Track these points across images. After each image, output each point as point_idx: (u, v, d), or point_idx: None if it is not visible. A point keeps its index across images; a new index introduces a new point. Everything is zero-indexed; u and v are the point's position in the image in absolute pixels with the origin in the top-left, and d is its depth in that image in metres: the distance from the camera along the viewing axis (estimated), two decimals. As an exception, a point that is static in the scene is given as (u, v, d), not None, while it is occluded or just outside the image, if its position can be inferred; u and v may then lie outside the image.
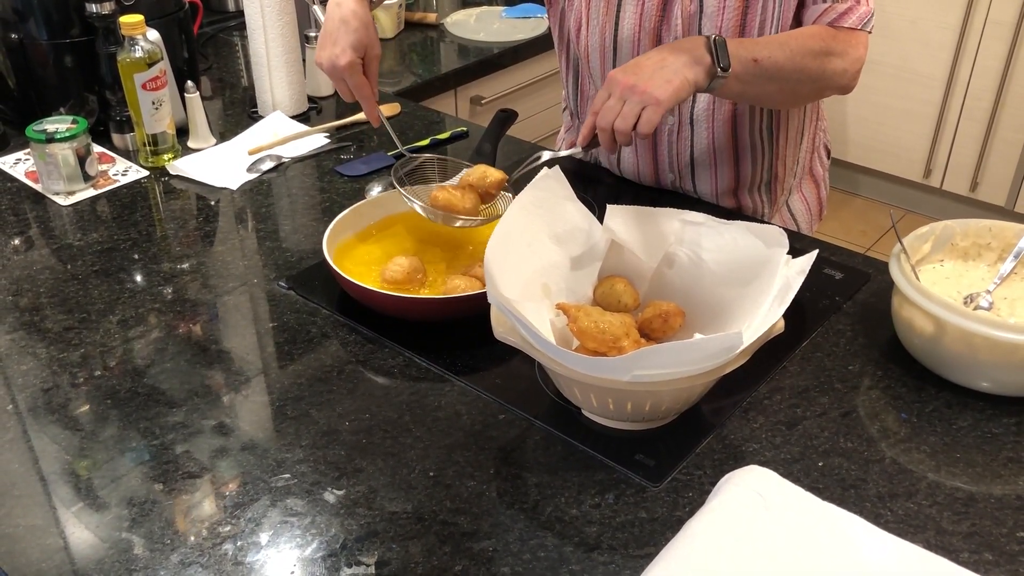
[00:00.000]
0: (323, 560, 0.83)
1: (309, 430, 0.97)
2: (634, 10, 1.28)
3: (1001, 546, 0.84)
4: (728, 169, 1.40)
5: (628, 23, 1.29)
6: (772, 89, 1.23)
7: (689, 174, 1.42)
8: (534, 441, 0.96)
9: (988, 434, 0.97)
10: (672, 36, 1.28)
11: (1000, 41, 2.85)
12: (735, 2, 1.23)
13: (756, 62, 1.16)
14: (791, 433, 0.97)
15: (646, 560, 0.81)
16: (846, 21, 1.22)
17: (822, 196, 1.56)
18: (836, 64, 1.21)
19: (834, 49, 1.21)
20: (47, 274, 1.24)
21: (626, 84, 1.11)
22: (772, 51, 1.18)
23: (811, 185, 1.53)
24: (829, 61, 1.21)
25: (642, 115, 1.11)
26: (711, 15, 1.25)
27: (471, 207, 1.19)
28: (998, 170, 3.02)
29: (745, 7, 1.23)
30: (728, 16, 1.24)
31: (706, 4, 1.25)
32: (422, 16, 2.30)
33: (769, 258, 0.98)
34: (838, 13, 1.22)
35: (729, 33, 1.25)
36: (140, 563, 0.83)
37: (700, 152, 1.38)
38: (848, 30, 1.22)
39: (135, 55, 1.44)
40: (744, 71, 1.16)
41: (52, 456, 0.95)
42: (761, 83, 1.19)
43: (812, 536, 0.81)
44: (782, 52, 1.18)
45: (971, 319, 0.96)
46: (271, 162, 1.52)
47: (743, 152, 1.39)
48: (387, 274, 1.15)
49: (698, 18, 1.26)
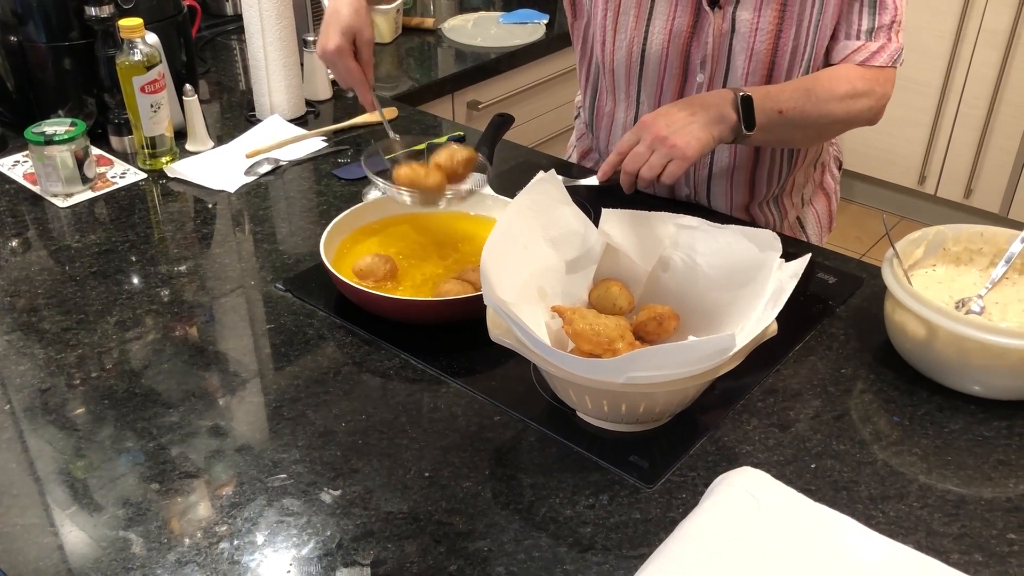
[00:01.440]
0: (319, 560, 0.84)
1: (305, 431, 0.98)
2: (664, 26, 1.27)
3: (991, 547, 0.85)
4: (744, 184, 1.40)
5: (657, 39, 1.28)
6: (797, 135, 1.25)
7: (705, 189, 1.42)
8: (529, 442, 0.97)
9: (979, 437, 0.98)
10: (701, 55, 1.28)
11: (994, 49, 2.87)
12: (769, 25, 1.23)
13: (781, 113, 1.18)
14: (784, 435, 0.98)
15: (640, 560, 0.82)
16: (877, 60, 1.23)
17: (832, 208, 1.56)
18: (863, 104, 1.23)
19: (861, 91, 1.22)
20: (45, 275, 1.25)
21: (657, 135, 1.15)
22: (797, 100, 1.19)
23: (822, 198, 1.53)
24: (856, 102, 1.22)
25: (668, 167, 1.15)
26: (744, 35, 1.24)
27: (435, 184, 1.18)
28: (992, 177, 3.04)
29: (778, 31, 1.23)
30: (761, 39, 1.24)
31: (739, 24, 1.24)
32: (420, 21, 2.31)
33: (763, 262, 0.99)
34: (870, 52, 1.23)
35: (762, 56, 1.25)
36: (137, 562, 0.83)
37: (719, 168, 1.38)
38: (876, 68, 1.23)
39: (134, 58, 1.45)
40: (769, 123, 1.18)
41: (49, 456, 0.96)
42: (786, 131, 1.22)
43: (804, 537, 0.82)
44: (808, 100, 1.20)
45: (963, 323, 0.97)
46: (269, 165, 1.53)
47: (761, 167, 1.39)
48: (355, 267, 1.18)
49: (729, 38, 1.25)
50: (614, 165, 1.20)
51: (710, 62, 1.28)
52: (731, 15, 1.24)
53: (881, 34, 1.23)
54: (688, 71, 1.30)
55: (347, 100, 1.83)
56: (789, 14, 1.22)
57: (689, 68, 1.30)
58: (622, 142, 1.18)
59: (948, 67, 2.96)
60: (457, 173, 1.21)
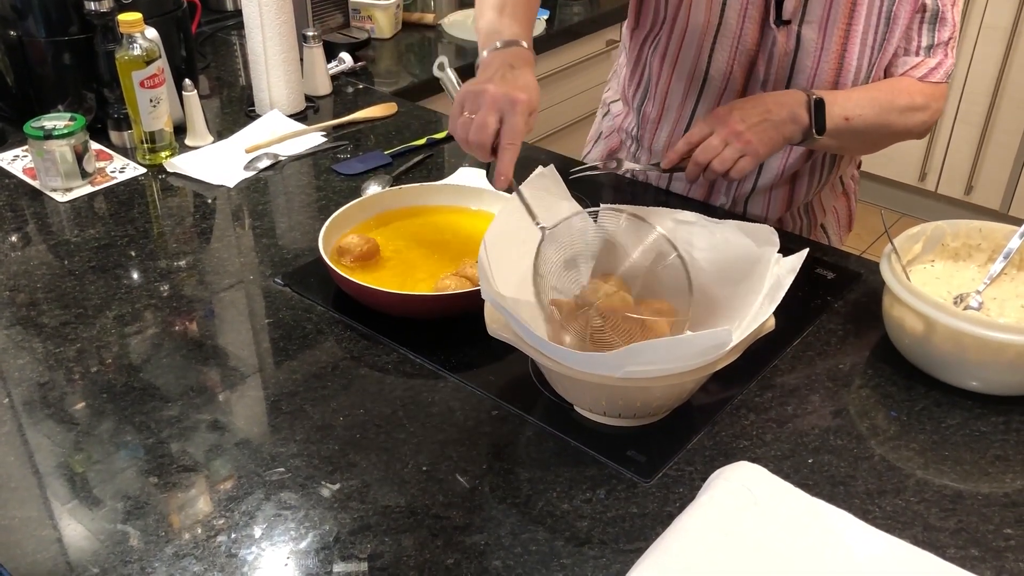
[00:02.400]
0: (316, 553, 0.84)
1: (303, 425, 0.98)
2: (731, 43, 1.25)
3: (988, 542, 0.85)
4: (782, 198, 1.40)
5: (723, 55, 1.27)
6: (856, 144, 1.26)
7: (743, 204, 1.41)
8: (526, 437, 0.97)
9: (976, 432, 0.98)
10: (764, 73, 1.26)
11: (995, 45, 2.86)
12: (835, 45, 1.22)
13: (847, 120, 1.18)
14: (781, 430, 0.98)
15: (636, 554, 0.82)
16: (935, 76, 1.23)
17: (852, 208, 1.56)
18: (918, 118, 1.23)
19: (919, 104, 1.23)
20: (44, 270, 1.25)
21: (733, 129, 1.15)
22: (863, 108, 1.20)
23: (843, 199, 1.53)
24: (912, 116, 1.23)
25: (739, 162, 1.15)
26: (808, 53, 1.23)
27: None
28: (992, 174, 3.03)
29: (843, 51, 1.23)
30: (826, 58, 1.23)
31: (804, 42, 1.23)
32: (420, 16, 2.31)
33: (760, 257, 0.99)
34: (929, 68, 1.23)
35: (825, 75, 1.24)
36: (135, 555, 0.84)
37: (764, 183, 1.37)
38: (935, 84, 1.24)
39: (133, 53, 1.45)
40: (836, 128, 1.19)
41: (47, 450, 0.96)
42: (848, 139, 1.22)
43: (801, 531, 0.82)
44: (871, 109, 1.20)
45: (961, 319, 0.97)
46: (268, 160, 1.53)
47: (801, 179, 1.39)
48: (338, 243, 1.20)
49: (793, 56, 1.24)
50: (682, 154, 1.19)
51: (773, 79, 1.27)
52: (796, 33, 1.23)
53: (939, 50, 1.24)
54: (749, 88, 1.29)
55: (346, 96, 1.83)
56: (854, 33, 1.22)
57: (750, 85, 1.29)
58: (693, 132, 1.18)
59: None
60: None
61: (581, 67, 2.40)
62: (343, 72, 1.91)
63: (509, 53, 1.07)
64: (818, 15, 1.22)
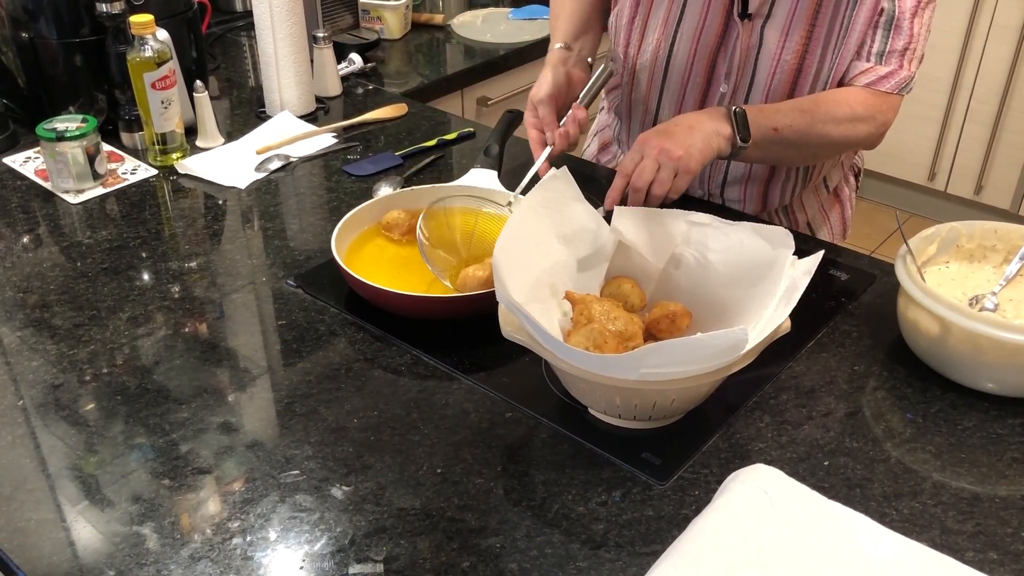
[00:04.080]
0: (331, 556, 0.84)
1: (317, 427, 0.98)
2: (692, 34, 1.27)
3: (1006, 545, 0.85)
4: (757, 196, 1.40)
5: (684, 46, 1.28)
6: (792, 153, 1.24)
7: (719, 192, 1.42)
8: (541, 439, 0.97)
9: (993, 435, 0.97)
10: (726, 66, 1.28)
11: (1005, 44, 2.85)
12: (796, 45, 1.22)
13: (776, 131, 1.18)
14: (797, 433, 0.97)
15: (652, 557, 0.82)
16: (883, 85, 1.22)
17: (847, 216, 1.55)
18: (861, 129, 1.22)
19: (861, 115, 1.21)
20: (56, 272, 1.25)
21: (660, 146, 1.13)
22: (793, 119, 1.19)
23: (835, 205, 1.52)
24: (854, 127, 1.21)
25: (675, 181, 1.14)
26: (770, 51, 1.24)
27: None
28: (1003, 173, 3.02)
29: (804, 51, 1.23)
30: (787, 57, 1.23)
31: (766, 39, 1.24)
32: (429, 17, 2.31)
33: (775, 259, 0.99)
34: (878, 76, 1.22)
35: (785, 75, 1.25)
36: (150, 557, 0.84)
37: (734, 176, 1.38)
38: (881, 94, 1.22)
39: (145, 54, 1.45)
40: (763, 138, 1.18)
41: (61, 452, 0.96)
42: (780, 149, 1.21)
43: (818, 534, 0.82)
44: (804, 119, 1.19)
45: (976, 320, 0.97)
46: (279, 161, 1.53)
47: (776, 181, 1.39)
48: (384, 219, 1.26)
49: (756, 51, 1.25)
50: (620, 189, 1.16)
51: (735, 74, 1.28)
52: (760, 29, 1.24)
53: (892, 59, 1.22)
54: (712, 81, 1.30)
55: (356, 97, 1.83)
56: (817, 34, 1.22)
57: (713, 78, 1.30)
58: (625, 163, 1.15)
59: (959, 63, 2.95)
60: None
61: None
62: (353, 73, 1.91)
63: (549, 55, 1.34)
64: (783, 14, 1.22)
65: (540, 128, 1.27)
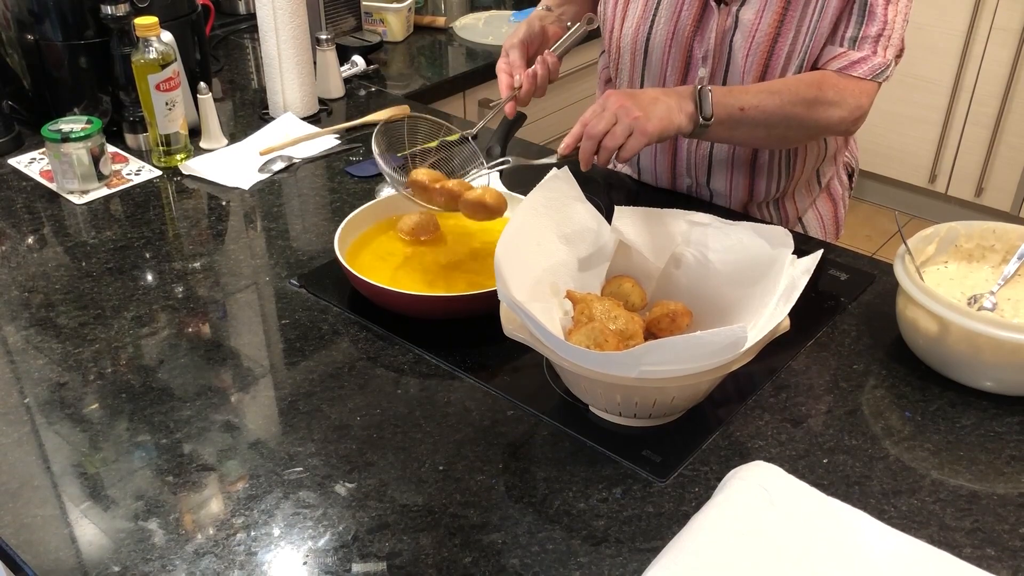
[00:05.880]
0: (335, 551, 0.84)
1: (321, 425, 0.99)
2: (669, 17, 1.30)
3: (1004, 542, 0.85)
4: (743, 185, 1.41)
5: (661, 29, 1.31)
6: (760, 134, 1.24)
7: (706, 180, 1.43)
8: (542, 437, 0.98)
9: (991, 433, 0.98)
10: (704, 49, 1.30)
11: (1005, 47, 2.86)
12: (768, 27, 1.24)
13: (742, 110, 1.18)
14: (796, 430, 0.98)
15: (652, 553, 0.83)
16: (855, 70, 1.22)
17: (839, 215, 1.55)
18: (831, 113, 1.22)
19: (829, 99, 1.21)
20: (61, 272, 1.26)
21: (621, 103, 1.13)
22: (761, 99, 1.19)
23: (828, 203, 1.53)
24: (822, 110, 1.21)
25: (628, 140, 1.13)
26: (744, 33, 1.26)
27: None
28: (1003, 176, 3.03)
29: (776, 33, 1.24)
30: (759, 39, 1.25)
31: (741, 22, 1.26)
32: (431, 20, 2.32)
33: (775, 258, 0.99)
34: (850, 61, 1.22)
35: (757, 57, 1.26)
36: (156, 553, 0.84)
37: (719, 158, 1.39)
38: (853, 79, 1.22)
39: (149, 56, 1.46)
40: (729, 118, 1.18)
41: (66, 450, 0.97)
42: (747, 129, 1.21)
43: (816, 530, 0.83)
44: (771, 100, 1.19)
45: (975, 319, 0.97)
46: (282, 163, 1.54)
47: (760, 170, 1.40)
48: (400, 225, 1.28)
49: (731, 35, 1.27)
50: (576, 136, 1.15)
51: (712, 57, 1.30)
52: (735, 12, 1.26)
53: (866, 45, 1.22)
54: (690, 64, 1.32)
55: (359, 98, 1.84)
56: (789, 18, 1.24)
57: (691, 61, 1.32)
58: (585, 114, 1.15)
59: (959, 65, 2.96)
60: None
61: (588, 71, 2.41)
62: (356, 75, 1.92)
63: None
64: None
65: (509, 72, 1.31)
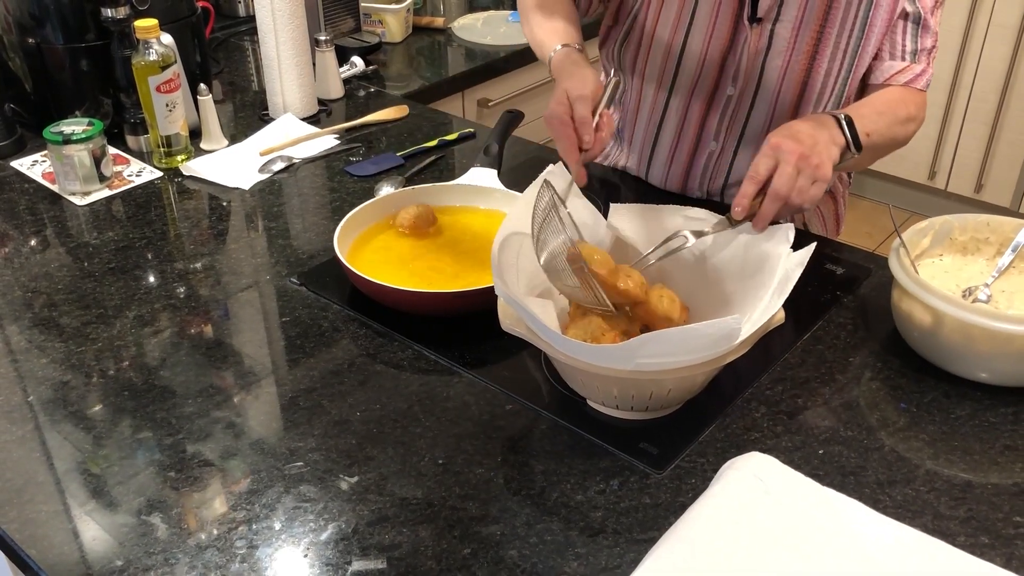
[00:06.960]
0: (335, 544, 0.85)
1: (321, 420, 1.00)
2: (703, 36, 1.27)
3: (997, 530, 0.86)
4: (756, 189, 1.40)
5: (695, 48, 1.28)
6: (868, 159, 1.22)
7: (719, 193, 1.43)
8: (540, 430, 0.99)
9: (986, 423, 0.99)
10: (735, 69, 1.28)
11: (1004, 43, 2.87)
12: (806, 46, 1.23)
13: (868, 136, 1.14)
14: (792, 422, 0.99)
15: (649, 544, 0.83)
16: (919, 83, 1.23)
17: (840, 212, 1.56)
18: (912, 128, 1.23)
19: (912, 114, 1.22)
20: (64, 272, 1.27)
21: (799, 153, 1.04)
22: (876, 123, 1.15)
23: (829, 201, 1.53)
24: (912, 126, 1.22)
25: (811, 189, 1.04)
26: (779, 53, 1.24)
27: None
28: (1002, 172, 3.04)
29: (815, 52, 1.23)
30: (796, 58, 1.24)
31: (776, 41, 1.24)
32: (430, 20, 2.33)
33: (770, 252, 1.00)
34: (914, 74, 1.22)
35: (795, 75, 1.24)
36: (158, 547, 0.85)
37: (736, 176, 1.38)
38: (919, 92, 1.23)
39: (149, 58, 1.47)
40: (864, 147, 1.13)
41: (70, 447, 0.98)
42: (868, 155, 1.18)
43: (811, 519, 0.83)
44: (883, 122, 1.17)
45: (969, 311, 0.98)
46: (282, 163, 1.55)
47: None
48: (398, 219, 1.28)
49: (764, 55, 1.25)
50: (751, 196, 1.04)
51: (742, 76, 1.29)
52: (769, 31, 1.24)
53: (923, 57, 1.23)
54: (720, 83, 1.31)
55: (358, 99, 1.85)
56: (827, 35, 1.22)
57: (721, 80, 1.31)
58: (756, 168, 1.04)
59: (958, 62, 2.96)
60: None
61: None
62: (355, 76, 1.93)
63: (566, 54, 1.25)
64: (792, 15, 1.23)
65: (572, 127, 1.10)
